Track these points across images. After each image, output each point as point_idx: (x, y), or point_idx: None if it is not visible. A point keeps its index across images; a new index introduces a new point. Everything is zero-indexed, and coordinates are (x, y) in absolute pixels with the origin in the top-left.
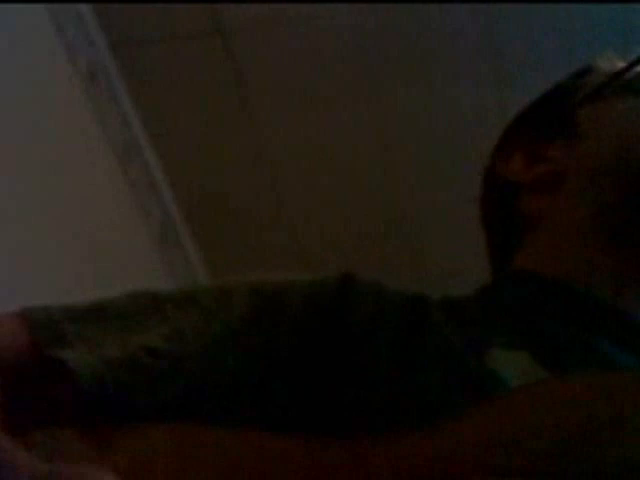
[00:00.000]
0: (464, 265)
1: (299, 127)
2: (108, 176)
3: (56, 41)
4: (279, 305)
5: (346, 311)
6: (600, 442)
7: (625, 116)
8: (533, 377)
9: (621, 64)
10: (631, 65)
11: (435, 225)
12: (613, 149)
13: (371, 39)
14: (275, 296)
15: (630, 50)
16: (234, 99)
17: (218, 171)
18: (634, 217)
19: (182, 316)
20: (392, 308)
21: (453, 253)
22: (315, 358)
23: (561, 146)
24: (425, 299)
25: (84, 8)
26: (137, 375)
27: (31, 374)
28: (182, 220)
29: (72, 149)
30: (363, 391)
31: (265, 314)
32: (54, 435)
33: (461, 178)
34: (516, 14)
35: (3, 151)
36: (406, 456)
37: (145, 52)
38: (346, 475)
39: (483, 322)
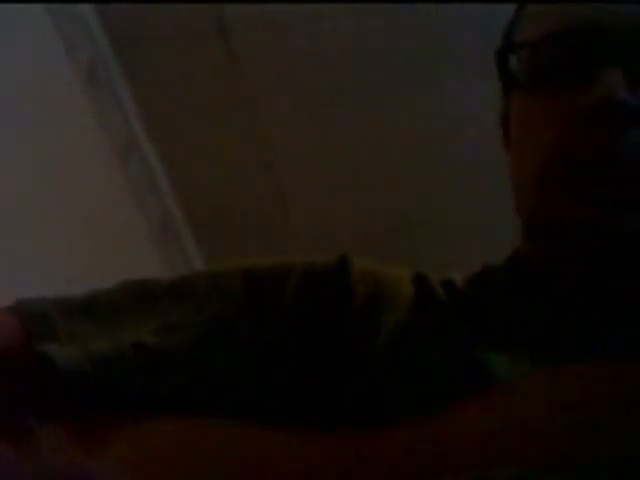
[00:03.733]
0: (464, 265)
1: (300, 126)
2: (108, 175)
3: (56, 40)
4: (274, 289)
5: (344, 294)
6: (600, 430)
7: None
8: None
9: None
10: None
11: (436, 225)
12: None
13: (372, 39)
14: (270, 279)
15: None
16: (234, 98)
17: (218, 171)
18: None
19: (174, 306)
20: (391, 289)
21: (453, 253)
22: (312, 343)
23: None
24: (426, 278)
25: (85, 7)
26: (123, 370)
27: (23, 368)
28: (182, 220)
29: (72, 148)
30: (363, 377)
31: (259, 298)
32: (46, 430)
33: (461, 178)
34: None
35: (3, 150)
36: (407, 446)
37: (146, 51)
38: (347, 465)
39: (480, 318)
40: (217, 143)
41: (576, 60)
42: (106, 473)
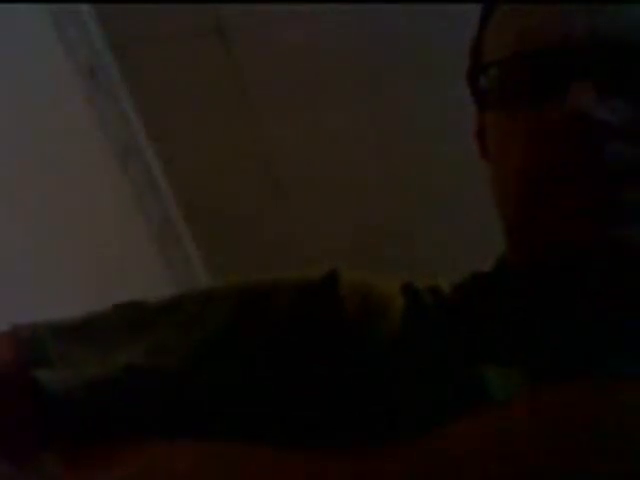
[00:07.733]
0: (463, 266)
1: (299, 126)
2: (108, 176)
3: (56, 41)
4: (265, 306)
5: (335, 308)
6: (600, 448)
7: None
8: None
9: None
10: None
11: (436, 226)
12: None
13: (371, 38)
14: (261, 296)
15: None
16: (234, 99)
17: (218, 171)
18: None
19: (166, 326)
20: (383, 302)
21: (453, 253)
22: (306, 359)
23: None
24: (415, 288)
25: (84, 8)
26: (115, 393)
27: (21, 393)
28: (182, 220)
29: (72, 149)
30: (358, 396)
31: (251, 316)
32: (47, 454)
33: (461, 178)
34: None
35: (3, 150)
36: (406, 466)
37: (145, 51)
38: None
39: (470, 329)
40: (217, 143)
41: (545, 76)
42: None
